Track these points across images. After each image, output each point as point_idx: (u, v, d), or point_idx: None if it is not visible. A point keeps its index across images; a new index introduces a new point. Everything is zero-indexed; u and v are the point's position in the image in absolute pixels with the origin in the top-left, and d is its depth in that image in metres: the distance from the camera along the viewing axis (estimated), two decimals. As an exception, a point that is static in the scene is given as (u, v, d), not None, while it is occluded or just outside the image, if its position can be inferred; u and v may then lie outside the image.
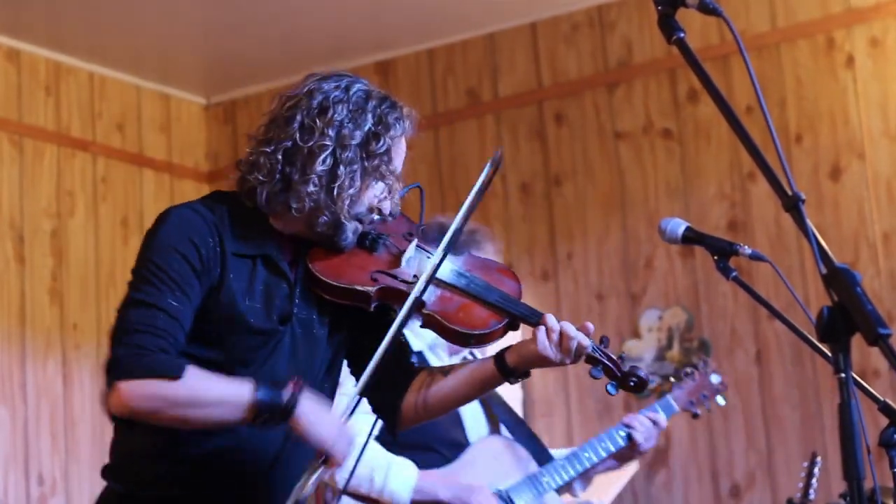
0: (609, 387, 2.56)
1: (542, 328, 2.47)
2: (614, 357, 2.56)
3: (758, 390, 5.32)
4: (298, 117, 2.43)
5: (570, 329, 2.48)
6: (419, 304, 2.41)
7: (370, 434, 2.40)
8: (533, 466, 3.59)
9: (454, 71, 6.10)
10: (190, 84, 6.32)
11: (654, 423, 3.65)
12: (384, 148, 2.47)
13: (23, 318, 5.54)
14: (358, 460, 2.36)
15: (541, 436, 5.53)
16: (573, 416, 5.57)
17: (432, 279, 2.41)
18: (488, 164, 2.47)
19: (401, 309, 2.39)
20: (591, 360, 2.53)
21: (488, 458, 3.53)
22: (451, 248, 2.42)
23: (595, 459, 3.60)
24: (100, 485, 2.52)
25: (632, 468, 5.43)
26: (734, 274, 2.63)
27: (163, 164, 6.23)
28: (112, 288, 5.83)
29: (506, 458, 3.56)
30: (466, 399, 2.61)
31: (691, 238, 2.74)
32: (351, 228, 2.45)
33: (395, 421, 2.61)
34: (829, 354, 1.67)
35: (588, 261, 5.70)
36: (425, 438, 3.49)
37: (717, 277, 3.55)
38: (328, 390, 2.53)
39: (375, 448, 3.45)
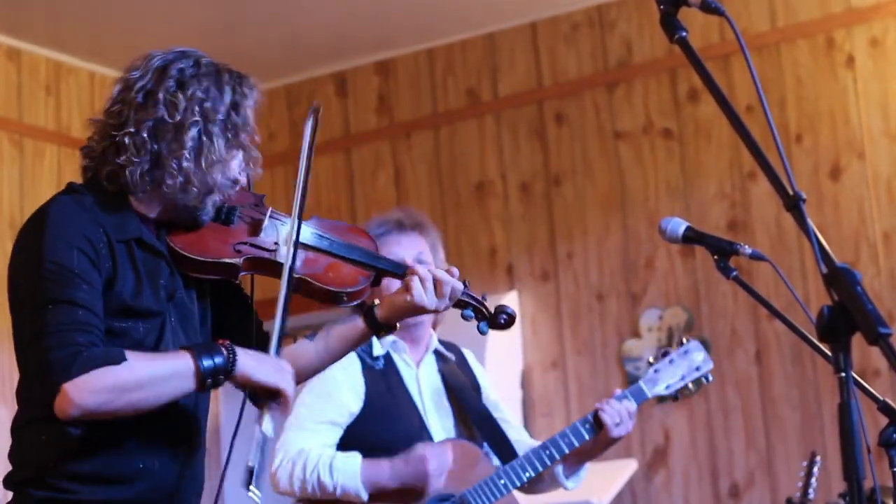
0: (481, 325, 2.68)
1: (416, 279, 2.57)
2: (479, 297, 2.69)
3: (758, 390, 5.32)
4: (160, 95, 2.43)
5: (443, 275, 2.60)
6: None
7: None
8: (493, 468, 3.52)
9: (454, 71, 6.10)
10: (190, 84, 6.31)
11: (627, 409, 3.56)
12: (244, 117, 2.51)
13: (23, 318, 5.53)
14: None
15: (540, 436, 5.55)
16: (573, 415, 5.56)
17: (297, 244, 2.47)
18: (310, 117, 2.55)
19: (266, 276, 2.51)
20: (460, 303, 2.65)
21: (445, 463, 3.48)
22: (302, 210, 2.49)
23: (557, 456, 3.47)
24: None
25: (630, 467, 5.45)
26: (734, 273, 2.64)
27: (163, 163, 6.23)
28: (112, 287, 5.82)
29: (463, 462, 3.50)
30: (337, 358, 2.68)
31: (691, 238, 2.74)
32: (211, 201, 2.48)
33: None
34: (830, 354, 1.67)
35: (588, 261, 5.70)
36: (385, 440, 3.44)
37: (718, 277, 3.54)
38: None
39: (316, 449, 3.41)
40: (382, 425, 3.47)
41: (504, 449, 3.57)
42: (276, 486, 3.42)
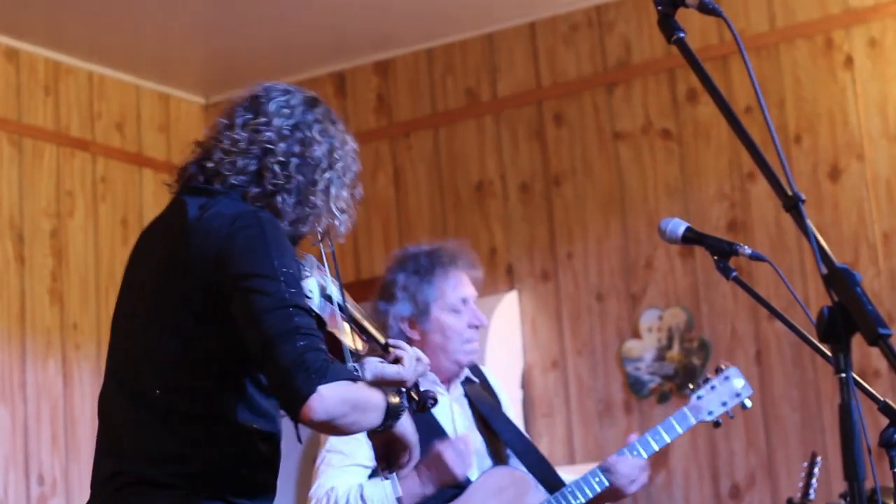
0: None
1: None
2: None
3: (758, 390, 5.31)
4: (287, 131, 2.60)
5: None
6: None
7: None
8: (541, 495, 3.48)
9: (453, 71, 6.10)
10: (189, 83, 6.32)
11: (637, 465, 3.57)
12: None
13: (23, 318, 5.53)
14: None
15: (541, 436, 5.56)
16: (573, 416, 5.57)
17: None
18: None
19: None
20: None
21: (492, 492, 3.44)
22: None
23: (598, 490, 3.51)
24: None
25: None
26: (734, 274, 2.64)
27: (162, 163, 6.22)
28: (112, 288, 5.82)
29: (511, 491, 3.45)
30: None
31: (691, 238, 2.74)
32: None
33: None
34: (830, 355, 1.66)
35: (588, 261, 5.69)
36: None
37: (717, 277, 3.54)
38: None
39: (344, 486, 3.32)
40: (418, 463, 3.41)
41: (549, 476, 3.53)
42: None
